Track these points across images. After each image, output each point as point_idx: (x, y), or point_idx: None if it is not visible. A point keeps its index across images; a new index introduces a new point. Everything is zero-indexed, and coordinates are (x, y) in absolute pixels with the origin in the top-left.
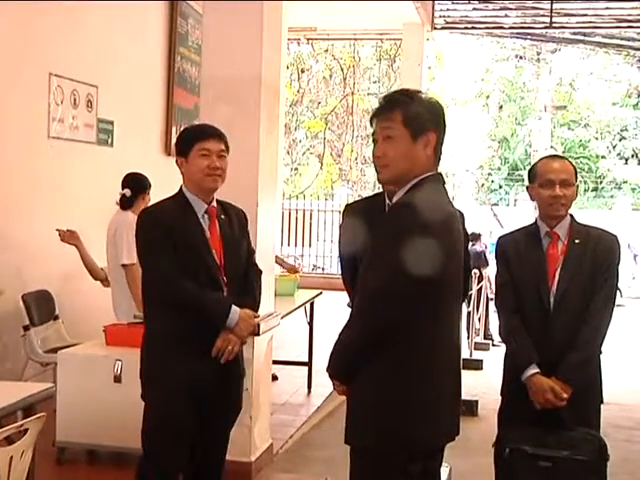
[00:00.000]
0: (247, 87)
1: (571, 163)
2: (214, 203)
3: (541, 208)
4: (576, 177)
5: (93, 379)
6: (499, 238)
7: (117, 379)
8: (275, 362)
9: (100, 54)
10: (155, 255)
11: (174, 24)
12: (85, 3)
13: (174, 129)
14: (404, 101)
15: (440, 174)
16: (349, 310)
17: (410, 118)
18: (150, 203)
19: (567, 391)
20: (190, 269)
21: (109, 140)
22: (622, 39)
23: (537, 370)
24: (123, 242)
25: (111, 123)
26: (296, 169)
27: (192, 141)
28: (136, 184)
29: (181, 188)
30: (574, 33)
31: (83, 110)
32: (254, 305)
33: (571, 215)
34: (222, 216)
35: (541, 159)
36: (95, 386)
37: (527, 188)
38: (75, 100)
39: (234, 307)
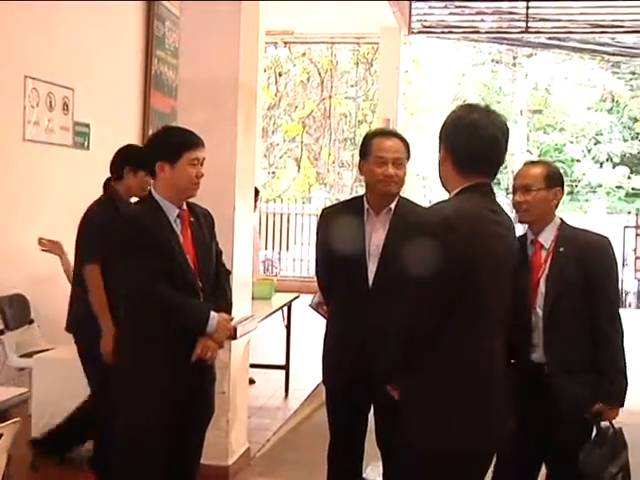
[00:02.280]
0: (224, 90)
1: (550, 167)
2: (184, 206)
3: None
4: (548, 182)
5: (69, 383)
6: None
7: None
8: (252, 365)
9: (76, 57)
10: (132, 260)
11: (151, 27)
12: (61, 4)
13: (151, 132)
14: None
15: (471, 186)
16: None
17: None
18: None
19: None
20: (166, 274)
21: (85, 143)
22: (596, 44)
23: None
24: None
25: (87, 126)
26: (273, 172)
27: (182, 149)
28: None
29: (150, 192)
30: (549, 38)
31: (59, 113)
32: (228, 308)
33: (561, 219)
34: (191, 219)
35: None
36: (71, 390)
37: None
38: (51, 103)
39: (212, 313)
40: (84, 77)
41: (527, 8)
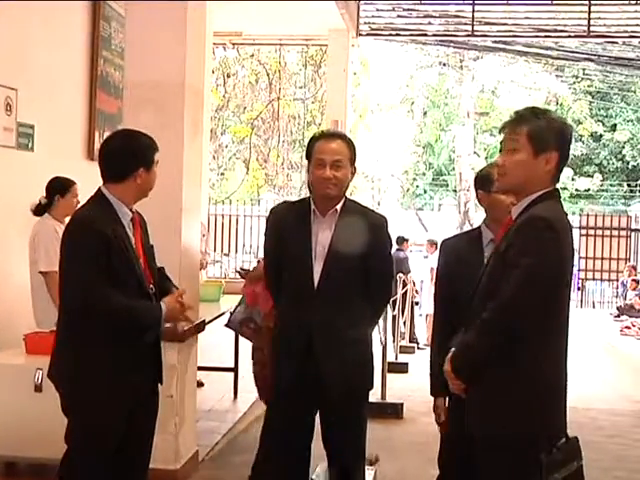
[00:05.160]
0: (171, 92)
1: None
2: (133, 209)
3: (490, 214)
4: None
5: (12, 389)
6: (443, 241)
7: (38, 389)
8: (200, 368)
9: (19, 56)
10: (83, 264)
11: (97, 27)
12: (3, 3)
13: (97, 133)
14: (532, 118)
15: (557, 190)
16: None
17: (534, 135)
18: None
19: None
20: (121, 278)
21: (29, 144)
22: (541, 48)
23: None
24: (41, 248)
25: (31, 127)
26: (222, 174)
27: (154, 152)
28: (50, 188)
29: (103, 195)
30: (495, 41)
31: (1, 114)
32: (174, 286)
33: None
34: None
35: (488, 165)
36: (14, 396)
37: (477, 195)
38: None
39: (161, 304)
40: (27, 77)
41: (473, 12)
